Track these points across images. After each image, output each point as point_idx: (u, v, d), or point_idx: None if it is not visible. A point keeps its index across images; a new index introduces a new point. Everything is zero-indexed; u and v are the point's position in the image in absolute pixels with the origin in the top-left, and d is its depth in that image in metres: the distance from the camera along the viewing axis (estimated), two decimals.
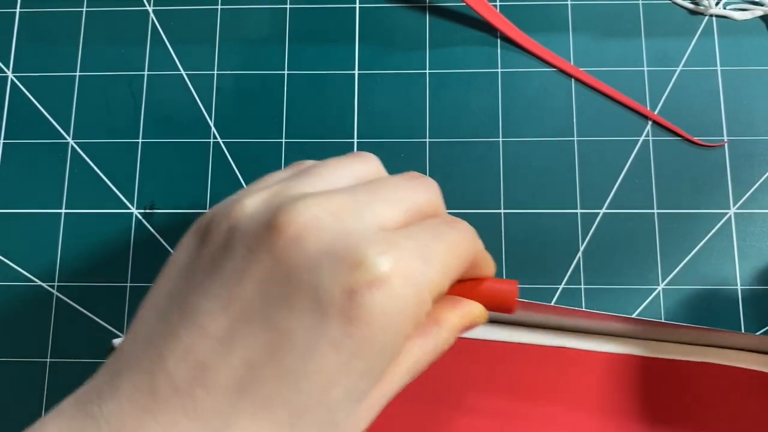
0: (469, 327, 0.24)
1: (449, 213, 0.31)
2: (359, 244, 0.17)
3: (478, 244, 0.22)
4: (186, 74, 0.33)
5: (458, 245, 0.20)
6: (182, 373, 0.17)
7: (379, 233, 0.18)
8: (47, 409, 0.29)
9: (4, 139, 0.33)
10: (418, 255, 0.18)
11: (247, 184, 0.32)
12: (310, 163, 0.23)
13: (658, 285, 0.30)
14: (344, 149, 0.32)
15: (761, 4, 0.33)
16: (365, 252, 0.17)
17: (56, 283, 0.31)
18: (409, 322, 0.18)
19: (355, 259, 0.17)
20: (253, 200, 0.19)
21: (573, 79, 0.32)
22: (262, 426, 0.17)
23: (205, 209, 0.31)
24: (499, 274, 0.30)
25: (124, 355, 0.18)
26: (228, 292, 0.18)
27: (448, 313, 0.24)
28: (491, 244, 0.30)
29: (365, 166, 0.22)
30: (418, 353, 0.21)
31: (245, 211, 0.19)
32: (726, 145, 0.31)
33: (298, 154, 0.32)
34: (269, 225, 0.18)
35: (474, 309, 0.25)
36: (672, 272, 0.30)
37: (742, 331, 0.29)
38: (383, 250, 0.18)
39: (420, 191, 0.21)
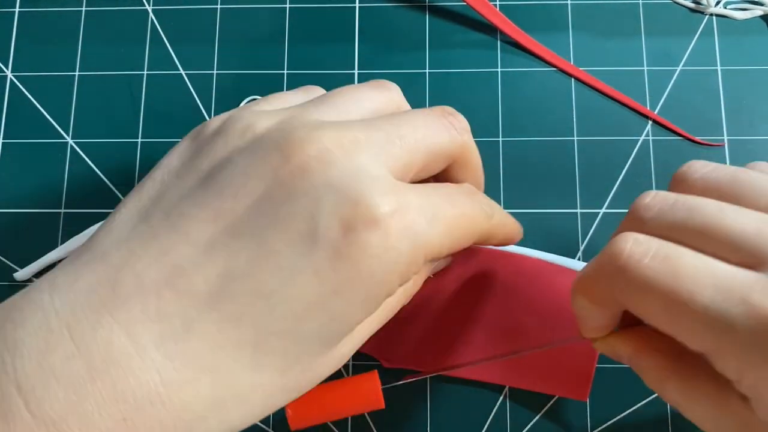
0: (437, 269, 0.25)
1: None
2: (365, 183, 0.17)
3: (495, 219, 0.21)
4: (186, 74, 0.33)
5: (469, 218, 0.20)
6: (153, 273, 0.16)
7: (389, 178, 0.18)
8: None
9: (3, 139, 0.33)
10: (424, 213, 0.18)
11: None
12: (321, 90, 0.22)
13: None
14: None
15: (761, 4, 0.33)
16: (370, 191, 0.17)
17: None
18: (396, 277, 0.18)
19: (358, 196, 0.17)
20: (265, 120, 0.19)
21: (573, 79, 0.32)
22: (226, 340, 0.16)
23: None
24: None
25: (90, 248, 0.17)
26: (221, 204, 0.17)
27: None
28: None
29: (385, 96, 0.21)
30: (387, 308, 0.21)
31: (255, 130, 0.19)
32: (726, 144, 0.31)
33: None
34: (279, 148, 0.18)
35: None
36: None
37: None
38: (388, 192, 0.17)
39: (443, 130, 0.20)
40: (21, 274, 0.30)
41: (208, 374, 0.16)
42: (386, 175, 0.18)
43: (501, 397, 0.29)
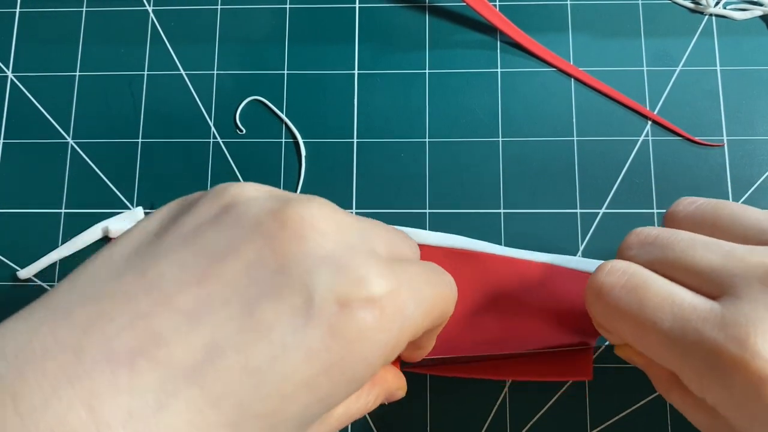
0: (391, 398, 0.24)
1: (448, 212, 0.31)
2: (362, 261, 0.17)
3: (452, 308, 0.21)
4: (186, 74, 0.33)
5: (444, 298, 0.20)
6: (126, 339, 0.14)
7: (379, 258, 0.17)
8: None
9: (4, 139, 0.33)
10: (412, 295, 0.18)
11: None
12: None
13: None
14: (344, 149, 0.32)
15: (761, 4, 0.33)
16: (366, 268, 0.16)
17: (56, 283, 0.31)
18: (383, 360, 0.17)
19: (355, 272, 0.16)
20: (257, 188, 0.18)
21: (573, 79, 0.32)
22: (203, 420, 0.14)
23: None
24: None
25: (47, 304, 0.15)
26: (208, 266, 0.16)
27: (386, 374, 0.23)
28: None
29: None
30: (345, 408, 0.20)
31: (249, 194, 0.18)
32: (725, 145, 0.31)
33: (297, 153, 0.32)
34: (275, 213, 0.17)
35: (402, 379, 0.24)
36: None
37: None
38: (384, 272, 0.17)
39: (406, 239, 0.21)
40: (23, 274, 0.30)
41: None
42: (379, 255, 0.18)
43: (501, 397, 0.29)
